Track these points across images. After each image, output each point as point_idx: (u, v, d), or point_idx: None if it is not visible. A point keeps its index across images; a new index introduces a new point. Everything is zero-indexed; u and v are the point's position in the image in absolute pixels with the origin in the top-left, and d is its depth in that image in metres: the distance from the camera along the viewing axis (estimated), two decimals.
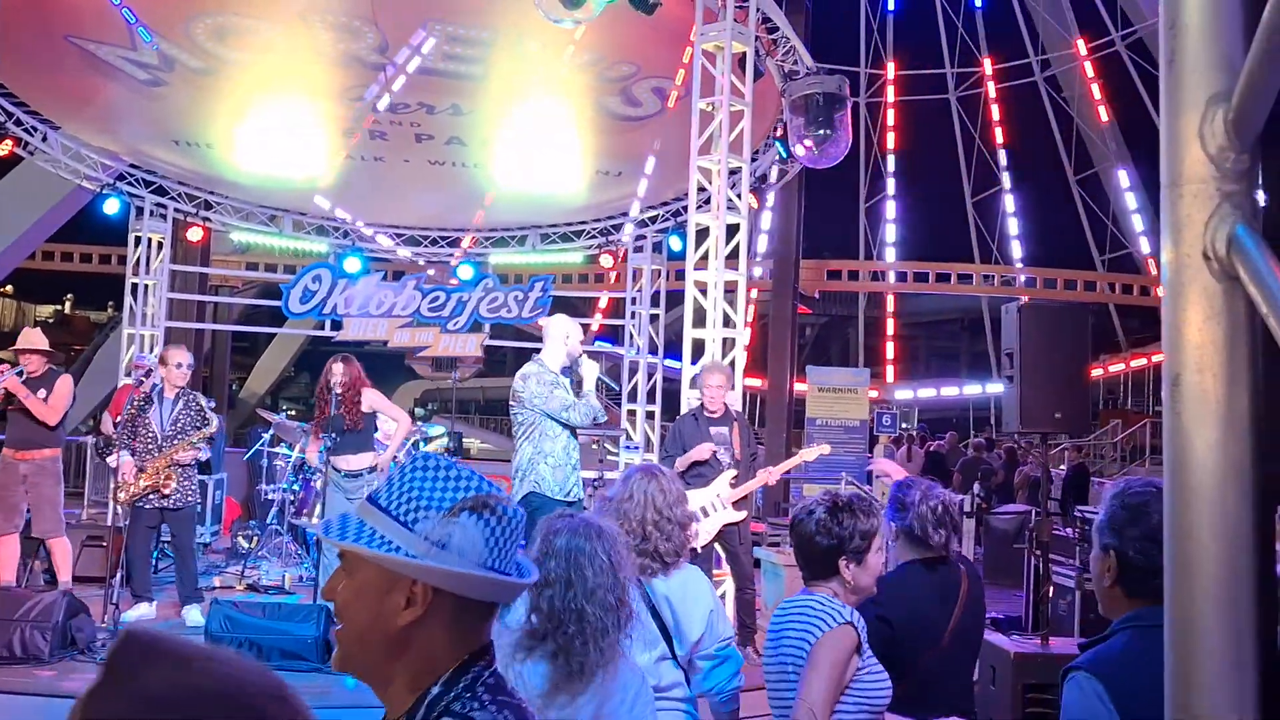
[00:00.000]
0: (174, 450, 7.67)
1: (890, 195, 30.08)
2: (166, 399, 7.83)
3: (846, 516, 3.11)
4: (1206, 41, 1.00)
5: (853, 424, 15.45)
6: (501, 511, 1.60)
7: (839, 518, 3.10)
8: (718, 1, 8.91)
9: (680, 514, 3.34)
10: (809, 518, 3.14)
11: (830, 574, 3.08)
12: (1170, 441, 1.02)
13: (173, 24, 10.10)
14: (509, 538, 1.61)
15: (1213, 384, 0.99)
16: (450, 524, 1.60)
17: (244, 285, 23.34)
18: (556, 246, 15.01)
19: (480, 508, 1.60)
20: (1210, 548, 0.98)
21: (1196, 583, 0.99)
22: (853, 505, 3.15)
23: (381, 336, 13.68)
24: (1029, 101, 28.86)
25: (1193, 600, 0.99)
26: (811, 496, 3.31)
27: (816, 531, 3.09)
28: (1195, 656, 0.99)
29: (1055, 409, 6.59)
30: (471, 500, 1.60)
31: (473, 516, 1.60)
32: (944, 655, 3.52)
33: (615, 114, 11.56)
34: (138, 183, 13.24)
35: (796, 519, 3.20)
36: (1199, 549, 0.99)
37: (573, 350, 6.82)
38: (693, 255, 9.00)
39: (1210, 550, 0.98)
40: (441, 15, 10.02)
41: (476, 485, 1.65)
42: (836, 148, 10.12)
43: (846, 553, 3.07)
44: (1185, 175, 1.02)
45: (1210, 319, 1.00)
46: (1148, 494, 2.18)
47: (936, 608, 3.55)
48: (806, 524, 3.13)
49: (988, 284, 27.89)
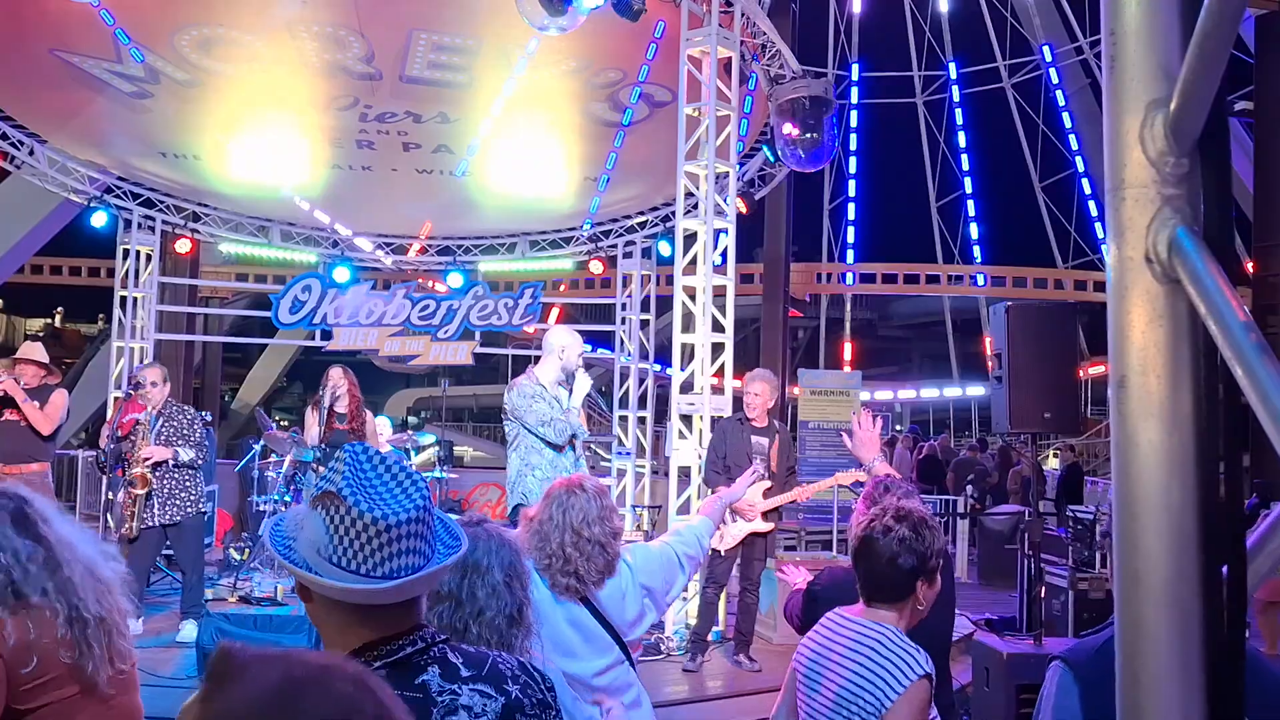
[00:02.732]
0: (140, 449, 7.58)
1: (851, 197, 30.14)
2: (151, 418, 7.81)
3: (928, 532, 2.83)
4: (1145, 48, 1.02)
5: (845, 426, 15.48)
6: (350, 508, 1.61)
7: (922, 534, 2.81)
8: (703, 7, 8.94)
9: (600, 532, 3.12)
10: (887, 536, 2.79)
11: (904, 597, 2.80)
12: (1117, 442, 1.03)
13: (158, 37, 10.10)
14: (362, 536, 1.60)
15: (1156, 385, 1.01)
16: (307, 515, 1.67)
17: (234, 296, 23.31)
18: (546, 253, 15.02)
19: (325, 501, 1.64)
20: (1155, 547, 0.99)
21: (1143, 582, 1.00)
22: (925, 519, 2.88)
23: (372, 346, 13.68)
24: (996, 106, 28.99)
25: (1140, 599, 1.01)
26: (865, 510, 3.07)
27: (900, 551, 2.77)
28: (1142, 656, 1.00)
29: (1044, 409, 6.62)
30: (320, 494, 1.65)
31: (317, 510, 1.64)
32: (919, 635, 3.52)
33: (603, 120, 11.58)
34: (125, 195, 13.23)
35: (869, 537, 2.83)
36: (1145, 548, 1.00)
37: (568, 364, 6.63)
38: (681, 260, 9.01)
39: (1155, 549, 0.99)
40: (428, 24, 10.02)
41: (409, 480, 1.69)
42: (823, 150, 10.17)
43: (925, 573, 2.81)
44: (1127, 179, 1.03)
45: (1153, 321, 1.01)
46: None
47: None
48: (885, 543, 2.78)
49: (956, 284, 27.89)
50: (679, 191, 9.08)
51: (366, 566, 1.60)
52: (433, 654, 1.70)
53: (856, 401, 15.91)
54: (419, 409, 34.51)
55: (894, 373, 32.35)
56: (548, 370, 6.65)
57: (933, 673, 2.75)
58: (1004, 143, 29.01)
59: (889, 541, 2.78)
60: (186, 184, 13.42)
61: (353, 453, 1.71)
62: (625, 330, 14.37)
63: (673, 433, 8.91)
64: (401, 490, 1.67)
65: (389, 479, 1.68)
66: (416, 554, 1.64)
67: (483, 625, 2.33)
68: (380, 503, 1.63)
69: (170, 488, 7.72)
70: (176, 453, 7.69)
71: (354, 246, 14.62)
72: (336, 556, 1.60)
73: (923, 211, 30.23)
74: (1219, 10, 0.91)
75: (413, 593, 1.67)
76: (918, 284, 27.31)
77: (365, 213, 14.46)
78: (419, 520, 1.65)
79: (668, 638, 8.18)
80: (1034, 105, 28.38)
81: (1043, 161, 28.90)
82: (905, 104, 29.79)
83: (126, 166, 13.03)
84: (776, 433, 7.54)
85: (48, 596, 2.45)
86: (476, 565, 2.31)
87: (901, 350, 35.46)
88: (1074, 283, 26.72)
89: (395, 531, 1.61)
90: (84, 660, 2.45)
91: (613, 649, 3.20)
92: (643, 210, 14.01)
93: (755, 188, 12.56)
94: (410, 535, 1.63)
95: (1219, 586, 0.99)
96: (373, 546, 1.60)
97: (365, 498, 1.62)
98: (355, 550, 1.60)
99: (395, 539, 1.61)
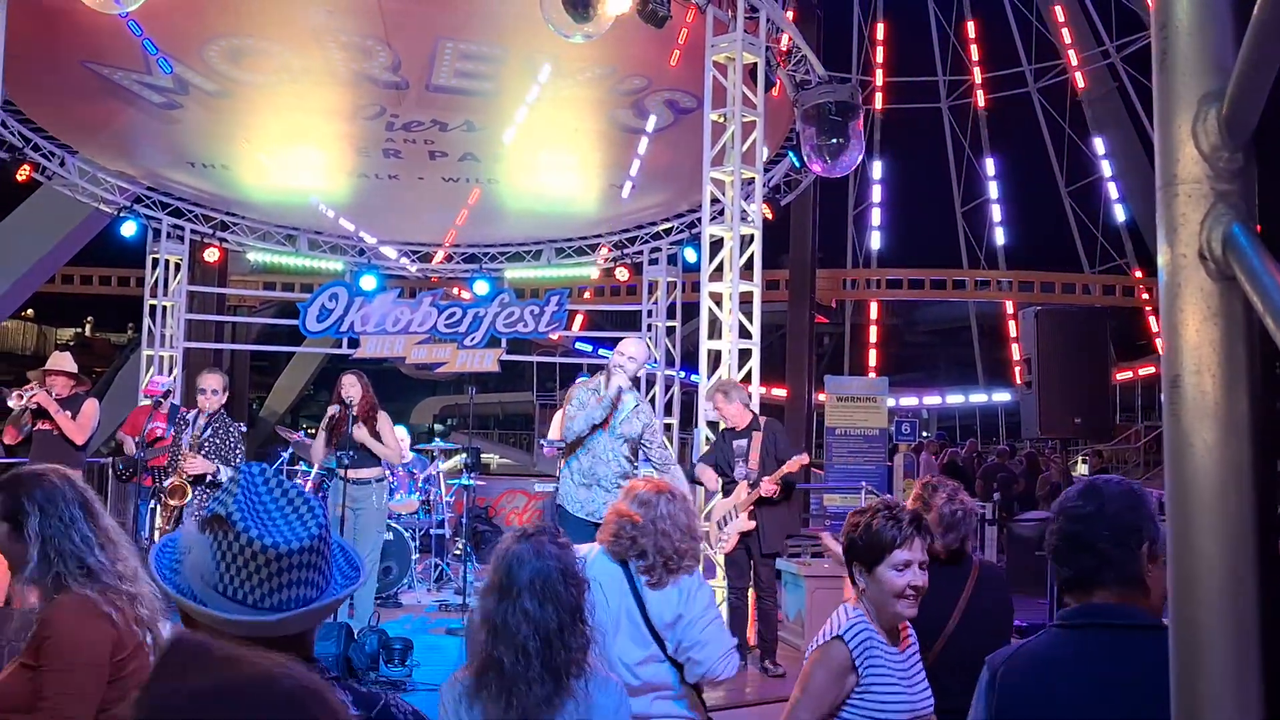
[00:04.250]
0: (183, 460, 7.60)
1: (876, 203, 30.01)
2: (198, 422, 7.79)
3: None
4: (1197, 41, 1.00)
5: (872, 433, 15.42)
6: (240, 534, 1.51)
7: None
8: (728, 13, 8.93)
9: (680, 537, 3.46)
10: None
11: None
12: (1170, 444, 1.01)
13: (187, 48, 10.17)
14: (250, 565, 1.50)
15: (1211, 385, 0.98)
16: (195, 538, 1.57)
17: (261, 305, 23.43)
18: (571, 260, 15.05)
19: (213, 525, 1.54)
20: (1210, 551, 0.97)
21: (1197, 588, 0.98)
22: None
23: (399, 353, 13.73)
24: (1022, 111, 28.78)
25: (1194, 605, 0.98)
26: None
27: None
28: (1199, 665, 0.98)
29: (1075, 414, 6.59)
30: (209, 516, 1.55)
31: (205, 534, 1.55)
32: (951, 649, 3.50)
33: (628, 127, 11.58)
34: (155, 205, 13.34)
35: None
36: (1199, 552, 0.98)
37: (627, 371, 6.63)
38: (707, 267, 9.00)
39: (1210, 554, 0.97)
40: (454, 33, 10.05)
41: (306, 506, 1.58)
42: (849, 156, 10.12)
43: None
44: (1180, 175, 1.01)
45: (1207, 319, 0.99)
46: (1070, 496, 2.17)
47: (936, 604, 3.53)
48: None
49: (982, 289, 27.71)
50: (705, 198, 9.07)
51: (254, 597, 1.50)
52: None
53: (884, 407, 15.84)
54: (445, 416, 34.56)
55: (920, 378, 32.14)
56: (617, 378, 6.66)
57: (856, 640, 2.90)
58: (1030, 147, 28.81)
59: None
60: (215, 193, 13.52)
61: (248, 473, 1.60)
62: (651, 337, 14.37)
63: (699, 439, 8.89)
64: (297, 517, 1.57)
65: (285, 504, 1.58)
66: (309, 585, 1.54)
67: (516, 650, 2.33)
68: (273, 529, 1.53)
69: (200, 501, 7.72)
70: (218, 469, 7.66)
71: (380, 254, 14.69)
72: (222, 585, 1.51)
73: (948, 217, 30.06)
74: (1274, 1, 0.89)
75: (300, 626, 1.56)
76: (944, 289, 27.15)
77: (392, 221, 14.53)
78: (313, 550, 1.54)
79: None
80: (1060, 110, 28.19)
81: (1069, 166, 28.69)
82: (930, 109, 29.67)
83: (155, 176, 13.14)
84: (755, 431, 7.55)
85: (121, 579, 2.65)
86: (507, 590, 2.30)
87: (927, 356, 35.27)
88: (1101, 288, 26.51)
89: (286, 561, 1.51)
90: (149, 635, 2.63)
91: (650, 644, 3.37)
92: (668, 217, 14.01)
93: (781, 194, 12.53)
94: (303, 565, 1.53)
95: (1277, 593, 0.97)
96: (261, 576, 1.50)
97: (256, 523, 1.52)
98: (243, 579, 1.50)
99: (286, 569, 1.51)
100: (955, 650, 3.51)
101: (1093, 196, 28.37)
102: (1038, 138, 28.67)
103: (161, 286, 13.50)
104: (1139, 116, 25.92)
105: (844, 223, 29.84)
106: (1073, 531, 2.07)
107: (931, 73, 29.56)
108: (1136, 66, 25.76)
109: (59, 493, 2.69)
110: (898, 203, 30.00)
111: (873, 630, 2.98)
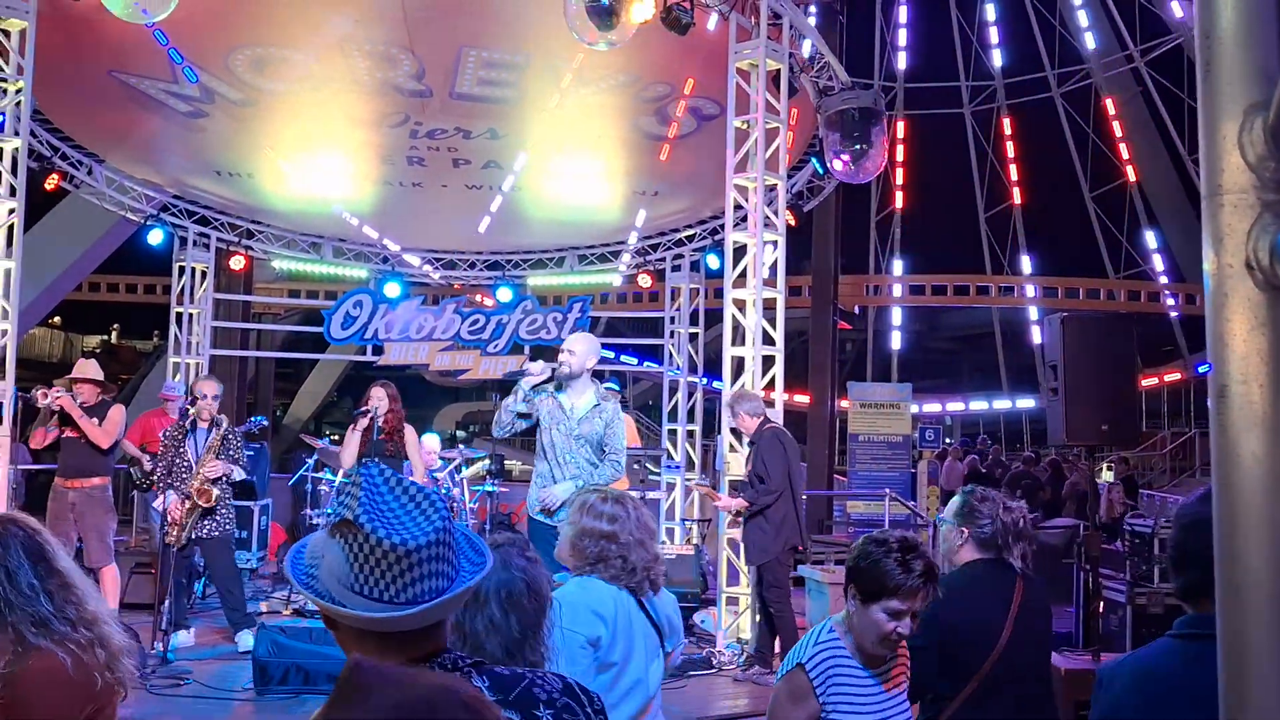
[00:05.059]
0: (201, 466, 7.72)
1: (898, 209, 29.92)
2: (200, 429, 7.90)
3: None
4: (1242, 50, 0.99)
5: (895, 439, 15.36)
6: (368, 535, 1.58)
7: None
8: (751, 20, 8.93)
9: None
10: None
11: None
12: (1218, 454, 1.01)
13: (213, 57, 10.25)
14: (382, 563, 1.57)
15: (1259, 395, 0.98)
16: (326, 543, 1.64)
17: (286, 312, 23.56)
18: (594, 267, 15.06)
19: (342, 530, 1.61)
20: (1257, 562, 0.96)
21: (1244, 598, 0.97)
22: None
23: (422, 360, 13.78)
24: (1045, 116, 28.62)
25: (1241, 615, 0.98)
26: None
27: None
28: (1246, 675, 0.97)
29: (1102, 421, 6.54)
30: (338, 522, 1.62)
31: (335, 539, 1.62)
32: (1005, 661, 3.47)
33: (651, 134, 11.59)
34: (181, 213, 13.44)
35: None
36: (1246, 563, 0.97)
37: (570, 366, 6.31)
38: (730, 273, 8.99)
39: (1257, 565, 0.96)
40: (477, 41, 10.09)
41: (428, 502, 1.65)
42: (872, 162, 10.10)
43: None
44: (1225, 185, 1.01)
45: (1255, 329, 0.98)
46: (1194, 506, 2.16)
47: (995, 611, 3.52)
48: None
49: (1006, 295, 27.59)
50: (728, 204, 9.07)
51: (389, 594, 1.57)
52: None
53: (907, 414, 15.78)
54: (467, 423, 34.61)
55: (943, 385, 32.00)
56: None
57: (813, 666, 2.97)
58: (1053, 152, 28.66)
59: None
60: (240, 201, 13.61)
61: (369, 475, 1.67)
62: (674, 344, 14.37)
63: (723, 446, 8.88)
64: (420, 513, 1.63)
65: (407, 501, 1.64)
66: (439, 576, 1.61)
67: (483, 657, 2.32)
68: (399, 528, 1.59)
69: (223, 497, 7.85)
70: (232, 470, 7.81)
71: (404, 262, 14.75)
72: (358, 585, 1.58)
73: (971, 222, 29.93)
74: None
75: (437, 617, 1.64)
76: (967, 295, 27.06)
77: (415, 228, 14.59)
78: (439, 543, 1.61)
79: (719, 651, 8.15)
80: (1083, 114, 28.05)
81: (1093, 171, 28.53)
82: (952, 114, 29.57)
83: (182, 185, 13.24)
84: (753, 444, 7.72)
85: (76, 626, 2.56)
86: (476, 596, 2.29)
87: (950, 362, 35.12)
88: (1126, 293, 26.36)
89: (415, 557, 1.57)
90: (113, 675, 2.59)
91: (659, 650, 3.33)
92: (690, 224, 14.01)
93: (804, 200, 12.51)
94: (431, 559, 1.59)
95: None
96: (393, 573, 1.57)
97: (383, 524, 1.59)
98: (377, 578, 1.57)
99: (415, 564, 1.57)
100: (1010, 659, 3.49)
101: (1117, 201, 28.22)
102: (1061, 142, 28.53)
103: (188, 294, 13.59)
104: (1163, 121, 25.79)
105: (867, 228, 29.76)
106: (1182, 540, 2.07)
107: (954, 78, 29.47)
108: (1160, 70, 25.63)
109: (3, 542, 2.57)
110: (920, 208, 29.90)
111: (841, 655, 2.98)
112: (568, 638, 2.93)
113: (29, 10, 8.50)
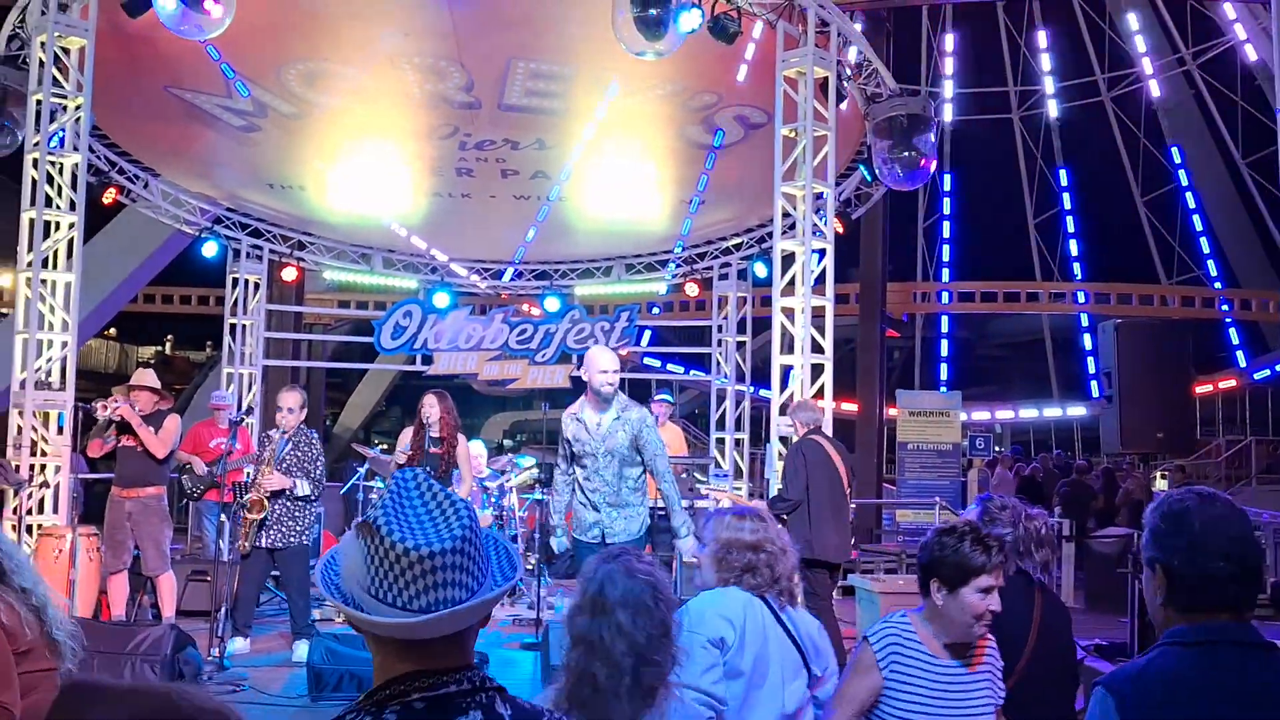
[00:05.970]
0: (261, 477, 7.79)
1: (946, 215, 29.65)
2: (277, 440, 7.98)
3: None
4: None
5: (945, 447, 15.23)
6: (384, 538, 1.54)
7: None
8: (799, 28, 8.92)
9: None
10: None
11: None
12: None
13: (266, 71, 10.40)
14: (396, 567, 1.53)
15: None
16: (351, 545, 1.61)
17: (336, 323, 23.78)
18: (641, 277, 15.09)
19: (364, 531, 1.58)
20: None
21: None
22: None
23: (471, 370, 13.87)
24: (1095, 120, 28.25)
25: None
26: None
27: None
28: None
29: (1157, 428, 6.47)
30: (361, 523, 1.60)
31: (359, 540, 1.59)
32: (1034, 668, 3.44)
33: (698, 143, 11.60)
34: (234, 225, 13.64)
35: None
36: None
37: (593, 384, 6.28)
38: (779, 281, 8.98)
39: None
40: (525, 53, 10.15)
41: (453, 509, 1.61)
42: (922, 169, 10.04)
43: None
44: None
45: None
46: (1186, 501, 2.14)
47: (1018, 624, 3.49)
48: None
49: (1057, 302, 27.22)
50: (776, 212, 9.06)
51: (403, 599, 1.52)
52: (480, 699, 1.58)
53: (957, 422, 15.64)
54: (514, 431, 34.73)
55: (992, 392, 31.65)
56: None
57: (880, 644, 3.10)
58: (1103, 157, 28.28)
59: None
60: (292, 214, 13.78)
61: (400, 478, 1.64)
62: (721, 352, 14.36)
63: (772, 454, 8.86)
64: (444, 519, 1.58)
65: (433, 507, 1.59)
66: (457, 586, 1.55)
67: (611, 665, 2.34)
68: (417, 532, 1.55)
69: (279, 514, 7.86)
70: (295, 484, 7.82)
71: (453, 272, 14.86)
72: (374, 588, 1.54)
73: (1020, 228, 29.61)
74: None
75: (455, 626, 1.57)
76: (1017, 302, 26.75)
77: (464, 239, 14.69)
78: (458, 551, 1.55)
79: None
80: (1134, 118, 27.68)
81: (1144, 175, 28.13)
82: (1001, 119, 29.29)
83: (235, 198, 13.44)
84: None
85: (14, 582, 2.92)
86: (601, 606, 2.32)
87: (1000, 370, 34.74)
88: (1180, 299, 25.94)
89: (430, 563, 1.52)
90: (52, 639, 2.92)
91: (801, 670, 3.33)
92: (738, 232, 14.00)
93: (852, 207, 12.46)
94: (448, 567, 1.53)
95: None
96: (407, 578, 1.52)
97: (401, 527, 1.55)
98: (390, 582, 1.53)
99: (430, 570, 1.52)
100: (1037, 667, 3.46)
101: (1169, 206, 27.79)
102: (1112, 147, 28.17)
103: (241, 305, 13.78)
104: (1216, 125, 25.40)
105: (914, 235, 29.53)
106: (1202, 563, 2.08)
107: (1002, 83, 29.21)
108: (1212, 74, 25.26)
109: None
110: (969, 215, 29.64)
111: (908, 637, 3.09)
112: (692, 639, 2.97)
113: (88, 29, 8.68)
